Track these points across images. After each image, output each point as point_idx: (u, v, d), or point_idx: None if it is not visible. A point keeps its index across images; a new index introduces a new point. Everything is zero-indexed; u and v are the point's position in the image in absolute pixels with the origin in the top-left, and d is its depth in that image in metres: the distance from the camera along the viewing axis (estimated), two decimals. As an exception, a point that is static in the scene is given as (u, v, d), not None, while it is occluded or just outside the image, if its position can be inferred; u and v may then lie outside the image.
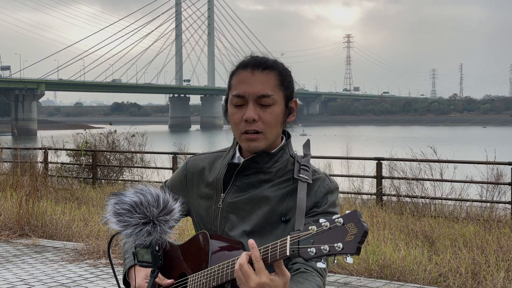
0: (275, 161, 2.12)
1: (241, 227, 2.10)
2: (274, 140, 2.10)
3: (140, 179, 15.23)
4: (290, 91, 2.11)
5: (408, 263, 7.22)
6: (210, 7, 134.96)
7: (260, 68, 2.08)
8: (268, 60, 2.12)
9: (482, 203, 10.80)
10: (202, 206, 2.21)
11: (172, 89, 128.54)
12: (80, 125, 22.39)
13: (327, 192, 2.08)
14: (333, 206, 2.08)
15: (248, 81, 2.07)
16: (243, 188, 2.13)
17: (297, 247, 1.67)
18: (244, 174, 2.13)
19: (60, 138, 17.27)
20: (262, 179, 2.11)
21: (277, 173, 2.11)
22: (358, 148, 22.66)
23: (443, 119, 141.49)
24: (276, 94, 2.06)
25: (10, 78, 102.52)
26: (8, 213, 9.98)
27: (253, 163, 2.11)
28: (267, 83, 2.06)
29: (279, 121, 2.08)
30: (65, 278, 7.29)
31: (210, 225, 2.17)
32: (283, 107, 2.09)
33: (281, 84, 2.08)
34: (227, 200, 2.14)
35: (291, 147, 2.18)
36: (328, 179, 2.12)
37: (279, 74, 2.09)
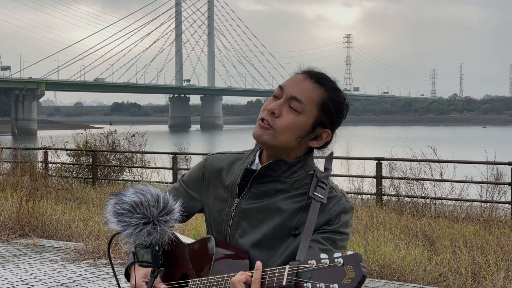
0: (293, 172, 2.08)
1: (251, 235, 2.08)
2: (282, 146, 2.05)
3: (140, 179, 15.23)
4: (327, 119, 2.06)
5: (408, 263, 7.22)
6: (210, 7, 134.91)
7: (314, 79, 2.06)
8: (329, 80, 2.09)
9: (482, 203, 10.80)
10: (216, 207, 2.18)
11: (172, 89, 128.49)
12: (80, 125, 22.36)
13: (341, 211, 2.06)
14: (344, 227, 2.06)
15: (295, 81, 2.06)
16: (258, 196, 2.10)
17: (294, 279, 1.66)
18: (261, 181, 2.10)
19: (60, 138, 17.29)
20: (278, 188, 2.08)
21: (294, 185, 2.08)
22: (358, 148, 22.65)
23: (443, 119, 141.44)
24: (308, 107, 2.03)
25: (10, 78, 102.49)
26: (8, 213, 9.98)
27: (270, 170, 2.08)
28: (308, 93, 2.04)
29: (296, 132, 2.03)
30: (65, 278, 7.29)
31: (221, 227, 2.16)
32: (309, 125, 2.04)
33: (321, 104, 2.04)
34: (241, 205, 2.11)
35: (311, 160, 2.13)
36: (344, 198, 2.09)
37: (326, 96, 2.05)
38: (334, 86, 2.09)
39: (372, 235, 8.49)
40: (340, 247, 2.05)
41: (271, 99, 2.08)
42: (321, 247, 2.01)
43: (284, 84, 2.08)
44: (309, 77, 2.06)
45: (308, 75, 2.07)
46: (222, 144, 51.03)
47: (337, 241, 2.04)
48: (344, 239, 2.07)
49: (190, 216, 2.36)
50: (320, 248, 2.00)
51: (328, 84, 2.07)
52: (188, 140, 24.23)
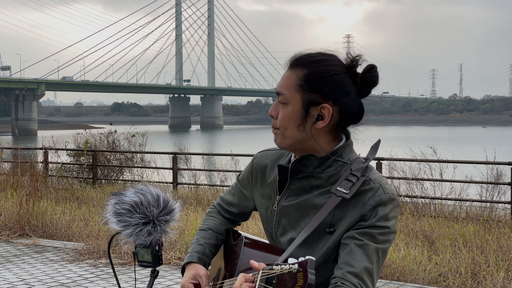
0: (327, 166, 1.99)
1: (289, 233, 2.05)
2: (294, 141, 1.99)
3: (140, 179, 15.23)
4: (317, 95, 1.95)
5: (408, 263, 7.22)
6: (210, 7, 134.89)
7: (292, 64, 2.01)
8: (303, 57, 2.00)
9: (482, 203, 10.80)
10: (263, 205, 2.17)
11: (172, 89, 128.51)
12: (80, 125, 22.39)
13: (377, 204, 1.91)
14: (384, 220, 1.90)
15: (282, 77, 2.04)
16: (297, 192, 2.05)
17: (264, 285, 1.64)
18: (298, 177, 2.04)
19: (61, 138, 17.28)
20: (313, 184, 2.01)
21: (329, 180, 1.99)
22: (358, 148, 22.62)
23: (443, 119, 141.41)
24: (290, 94, 1.97)
25: (10, 78, 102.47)
26: (8, 213, 9.98)
27: (302, 166, 2.02)
28: (287, 81, 1.99)
29: (292, 123, 1.97)
30: (65, 278, 7.29)
31: (267, 225, 2.14)
32: (298, 110, 1.96)
33: (301, 85, 1.95)
34: (281, 203, 2.08)
35: (349, 150, 2.03)
36: (382, 189, 1.94)
37: (305, 74, 1.96)
38: (314, 59, 1.98)
39: None
40: (381, 241, 1.90)
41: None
42: (357, 243, 1.89)
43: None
44: (288, 66, 2.03)
45: (288, 65, 2.04)
46: (222, 144, 50.98)
47: (375, 235, 1.90)
48: (385, 233, 1.91)
49: (247, 215, 2.34)
50: (357, 244, 1.89)
51: (306, 61, 1.98)
52: (188, 140, 24.22)
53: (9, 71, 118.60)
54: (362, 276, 1.86)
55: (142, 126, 22.92)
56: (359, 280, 1.85)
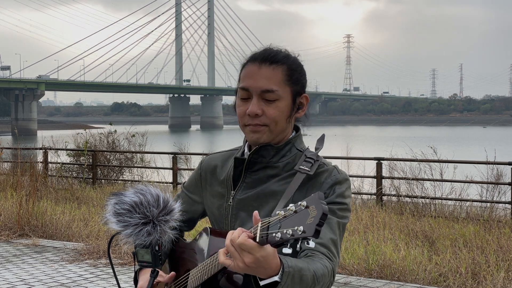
0: (282, 156, 2.09)
1: (250, 223, 2.07)
2: (280, 135, 2.07)
3: (140, 179, 15.23)
4: (299, 86, 2.07)
5: (408, 263, 7.22)
6: (210, 7, 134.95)
7: (268, 62, 2.04)
8: (278, 54, 2.07)
9: (482, 203, 10.80)
10: (215, 204, 2.21)
11: (172, 89, 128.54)
12: (80, 125, 22.39)
13: (334, 183, 2.03)
14: (341, 197, 2.03)
15: (254, 75, 2.04)
16: (252, 184, 2.11)
17: (266, 233, 1.63)
18: (253, 170, 2.11)
19: (60, 138, 17.28)
20: (270, 174, 2.09)
21: (285, 168, 2.08)
22: (358, 148, 22.66)
23: (443, 119, 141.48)
24: (281, 89, 2.03)
25: (10, 78, 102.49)
26: (8, 213, 9.98)
27: (259, 157, 2.09)
28: (273, 78, 2.03)
29: (284, 116, 2.05)
30: (65, 278, 7.29)
31: (222, 223, 2.17)
32: (290, 103, 2.05)
33: (288, 80, 2.04)
34: (237, 197, 2.13)
35: (300, 141, 2.14)
36: (336, 171, 2.07)
37: (287, 69, 2.05)
38: (285, 54, 2.08)
39: (372, 235, 8.49)
40: (341, 216, 2.01)
41: (241, 102, 2.08)
42: None
43: (246, 83, 2.05)
44: (262, 62, 2.05)
45: (259, 61, 2.05)
46: (222, 144, 51.01)
47: (336, 211, 2.00)
48: (343, 209, 2.02)
49: (194, 221, 2.37)
50: None
51: (280, 57, 2.05)
52: (188, 140, 24.22)
53: (9, 71, 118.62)
54: (329, 246, 1.95)
55: (142, 126, 22.92)
56: (327, 250, 1.94)
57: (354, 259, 7.48)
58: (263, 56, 2.06)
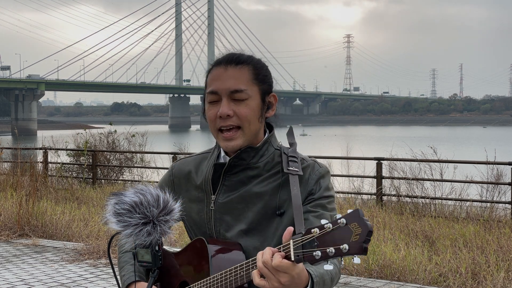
0: (261, 155, 2.10)
1: (237, 226, 2.08)
2: (254, 135, 2.08)
3: (140, 179, 15.23)
4: (266, 85, 2.09)
5: (408, 263, 7.22)
6: (210, 7, 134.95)
7: (233, 63, 2.07)
8: (242, 55, 2.10)
9: (482, 203, 10.80)
10: (193, 209, 2.18)
11: (172, 89, 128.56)
12: (80, 125, 22.37)
13: (318, 178, 2.07)
14: (327, 190, 2.07)
15: (221, 77, 2.05)
16: (233, 187, 2.10)
17: (302, 251, 1.63)
18: (232, 172, 2.11)
19: (60, 138, 17.28)
20: (250, 175, 2.09)
21: (265, 167, 2.09)
22: (358, 148, 22.65)
23: (443, 119, 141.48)
24: (249, 88, 2.05)
25: (10, 78, 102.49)
26: (8, 213, 9.98)
27: (239, 160, 2.09)
28: (240, 78, 2.05)
29: (256, 116, 2.06)
30: (65, 278, 7.29)
31: (204, 228, 2.15)
32: (259, 101, 2.07)
33: (255, 79, 2.06)
34: (219, 201, 2.12)
35: (275, 139, 2.16)
36: (317, 165, 2.10)
37: (253, 68, 2.07)
38: (247, 55, 2.11)
39: (372, 235, 8.47)
40: (330, 209, 2.06)
41: (210, 106, 2.07)
42: (314, 215, 2.02)
43: (214, 87, 2.06)
44: (227, 64, 2.07)
45: (225, 63, 2.08)
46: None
47: (325, 205, 2.05)
48: (331, 202, 2.08)
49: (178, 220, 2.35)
50: (314, 216, 2.02)
51: (245, 58, 2.09)
52: (188, 140, 24.23)
53: (9, 71, 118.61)
54: None
55: (142, 126, 22.92)
56: None
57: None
58: (228, 58, 2.09)
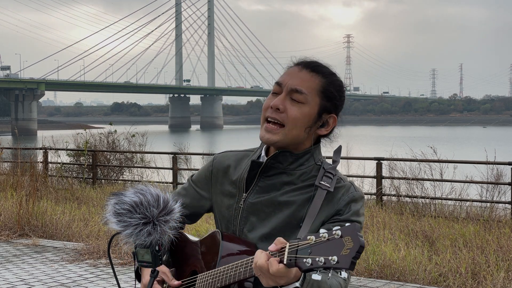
0: (300, 164, 2.08)
1: (260, 229, 2.09)
2: (295, 142, 2.06)
3: (140, 179, 15.23)
4: (330, 104, 2.07)
5: (408, 263, 7.22)
6: (210, 7, 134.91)
7: (310, 68, 2.08)
8: (322, 66, 2.10)
9: (482, 203, 10.80)
10: (224, 203, 2.20)
11: (172, 89, 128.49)
12: (80, 125, 22.36)
13: (350, 200, 2.04)
14: (356, 215, 2.04)
15: (291, 74, 2.07)
16: (266, 189, 2.10)
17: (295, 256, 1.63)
18: (268, 174, 2.10)
19: (61, 138, 17.27)
20: (284, 181, 2.08)
21: (301, 177, 2.08)
22: (358, 148, 22.64)
23: (443, 119, 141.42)
24: (310, 96, 2.04)
25: (10, 78, 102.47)
26: (8, 213, 9.98)
27: (276, 162, 2.08)
28: (307, 82, 2.05)
29: (304, 123, 2.04)
30: (65, 278, 7.29)
31: (230, 223, 2.17)
32: (314, 113, 2.05)
33: (322, 92, 2.05)
34: (249, 200, 2.12)
35: (319, 152, 2.13)
36: (353, 187, 2.07)
37: (325, 82, 2.06)
38: (330, 71, 2.11)
39: (372, 235, 8.48)
40: None
41: (271, 96, 2.09)
42: None
43: (282, 79, 2.08)
44: (304, 67, 2.08)
45: (303, 65, 2.09)
46: (222, 144, 51.02)
47: None
48: None
49: (198, 216, 2.37)
50: None
51: (325, 71, 2.09)
52: (188, 140, 24.22)
53: (8, 71, 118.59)
54: None
55: (142, 126, 22.93)
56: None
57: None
58: (308, 62, 2.10)
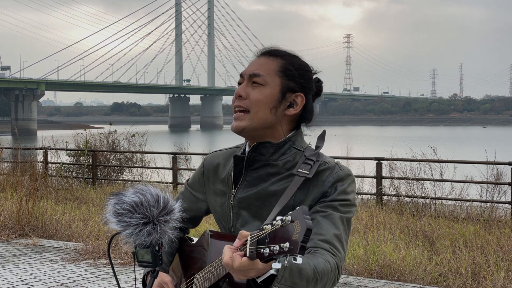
0: (282, 153, 2.09)
1: (253, 223, 2.10)
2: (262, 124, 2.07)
3: (140, 179, 15.23)
4: (294, 83, 2.07)
5: (408, 263, 7.22)
6: (210, 7, 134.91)
7: (267, 54, 2.11)
8: (279, 50, 2.13)
9: (482, 203, 10.80)
10: (217, 202, 2.23)
11: (172, 89, 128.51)
12: (80, 125, 22.37)
13: (336, 180, 2.03)
14: (343, 194, 2.02)
15: (251, 63, 2.12)
16: (253, 183, 2.11)
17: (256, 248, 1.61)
18: (253, 168, 2.12)
19: (61, 138, 17.28)
20: (269, 172, 2.09)
21: (285, 166, 2.08)
22: (358, 148, 22.65)
23: (443, 119, 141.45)
24: (269, 77, 2.06)
25: (10, 78, 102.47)
26: (8, 213, 9.98)
27: (258, 154, 2.10)
28: (265, 65, 2.08)
29: (268, 104, 2.06)
30: (65, 278, 7.29)
31: (224, 222, 2.19)
32: (276, 93, 2.06)
33: (281, 71, 2.07)
34: (238, 195, 2.14)
35: (301, 139, 2.14)
36: (338, 167, 2.06)
37: (284, 63, 2.08)
38: (290, 53, 2.12)
39: (372, 235, 8.48)
40: (344, 211, 2.01)
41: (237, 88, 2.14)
42: (322, 214, 1.99)
43: (243, 71, 2.13)
44: (263, 54, 2.13)
45: (262, 53, 2.14)
46: (222, 144, 51.01)
47: (337, 207, 2.00)
48: (346, 205, 2.02)
49: (198, 219, 2.39)
50: (322, 216, 1.98)
51: (283, 53, 2.11)
52: (188, 140, 24.20)
53: (9, 71, 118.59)
54: (332, 242, 1.94)
55: (142, 126, 22.93)
56: (330, 245, 1.93)
57: (354, 259, 7.48)
58: (267, 49, 2.14)
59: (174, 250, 2.33)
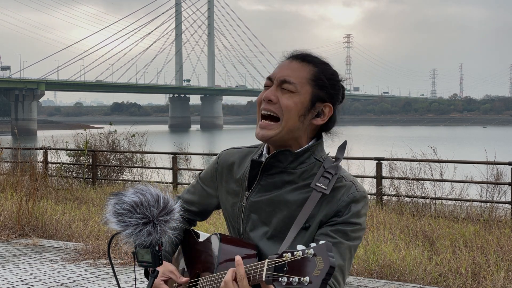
0: (301, 162, 2.06)
1: (261, 228, 2.09)
2: (291, 135, 2.04)
3: (140, 179, 15.23)
4: (323, 93, 2.04)
5: (408, 263, 7.22)
6: (210, 7, 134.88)
7: (299, 59, 2.07)
8: (314, 56, 2.09)
9: (482, 203, 10.80)
10: (229, 201, 2.22)
11: (172, 89, 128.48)
12: (80, 125, 22.38)
13: (351, 201, 2.00)
14: (356, 217, 2.00)
15: (281, 67, 2.08)
16: (267, 188, 2.09)
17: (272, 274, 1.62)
18: (269, 173, 2.09)
19: (61, 138, 17.27)
20: (285, 180, 2.07)
21: (302, 176, 2.06)
22: (358, 148, 22.64)
23: (443, 119, 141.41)
24: (301, 85, 2.02)
25: (10, 78, 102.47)
26: (8, 213, 9.98)
27: (276, 161, 2.07)
28: (297, 72, 2.04)
29: (297, 112, 2.02)
30: (65, 278, 7.29)
31: (235, 222, 2.18)
32: (306, 102, 2.02)
33: (313, 80, 2.04)
34: (251, 199, 2.12)
35: (321, 149, 2.10)
36: (354, 187, 2.03)
37: (316, 71, 2.05)
38: (322, 61, 2.09)
39: (372, 235, 8.48)
40: (353, 238, 2.00)
41: (263, 91, 2.09)
42: (331, 241, 1.96)
43: (272, 72, 2.09)
44: (294, 59, 2.08)
45: (293, 57, 2.09)
46: (222, 144, 50.99)
47: (348, 233, 1.99)
48: (356, 230, 2.00)
49: (207, 213, 2.39)
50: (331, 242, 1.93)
51: (315, 60, 2.08)
52: (188, 140, 24.20)
53: (9, 71, 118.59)
54: (335, 274, 1.93)
55: (142, 126, 22.92)
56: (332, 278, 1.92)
57: (354, 259, 7.48)
58: (299, 54, 2.10)
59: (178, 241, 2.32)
